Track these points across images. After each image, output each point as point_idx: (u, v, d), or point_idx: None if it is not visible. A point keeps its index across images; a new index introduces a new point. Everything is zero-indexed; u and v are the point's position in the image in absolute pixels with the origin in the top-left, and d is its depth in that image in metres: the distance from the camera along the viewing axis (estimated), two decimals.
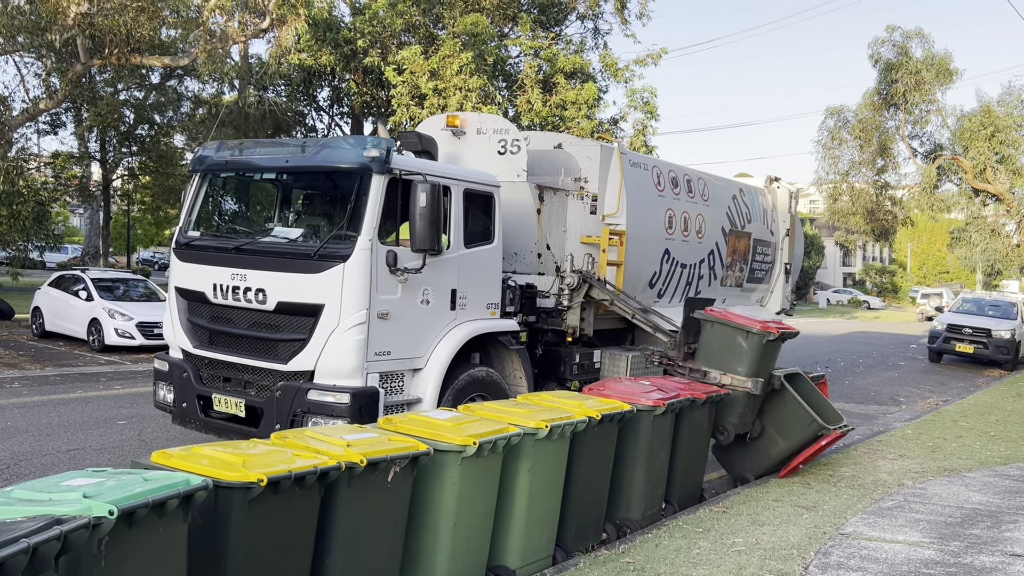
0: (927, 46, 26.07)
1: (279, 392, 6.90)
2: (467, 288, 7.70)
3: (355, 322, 6.69)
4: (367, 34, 21.75)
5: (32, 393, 11.78)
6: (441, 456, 4.81)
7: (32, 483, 3.41)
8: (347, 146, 7.22)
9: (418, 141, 8.67)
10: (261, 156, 7.74)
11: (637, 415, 6.41)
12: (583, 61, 22.88)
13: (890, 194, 29.30)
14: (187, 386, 7.58)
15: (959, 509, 7.36)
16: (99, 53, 18.36)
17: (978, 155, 25.38)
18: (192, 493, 3.50)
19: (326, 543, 4.28)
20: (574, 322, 9.04)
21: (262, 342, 7.18)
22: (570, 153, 9.74)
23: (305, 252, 7.06)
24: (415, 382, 7.30)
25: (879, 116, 27.23)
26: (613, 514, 6.51)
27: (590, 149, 9.79)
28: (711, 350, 8.09)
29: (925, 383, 18.49)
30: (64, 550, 2.89)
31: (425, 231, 6.83)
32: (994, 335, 21.40)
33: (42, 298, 18.23)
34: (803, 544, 6.18)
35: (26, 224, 20.17)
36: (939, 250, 71.12)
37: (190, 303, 7.70)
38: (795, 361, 19.60)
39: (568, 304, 8.98)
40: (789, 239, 13.55)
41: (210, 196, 8.24)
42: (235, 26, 19.41)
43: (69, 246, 43.37)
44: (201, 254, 7.68)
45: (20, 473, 7.71)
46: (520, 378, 8.37)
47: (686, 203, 10.92)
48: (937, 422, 12.33)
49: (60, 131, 27.54)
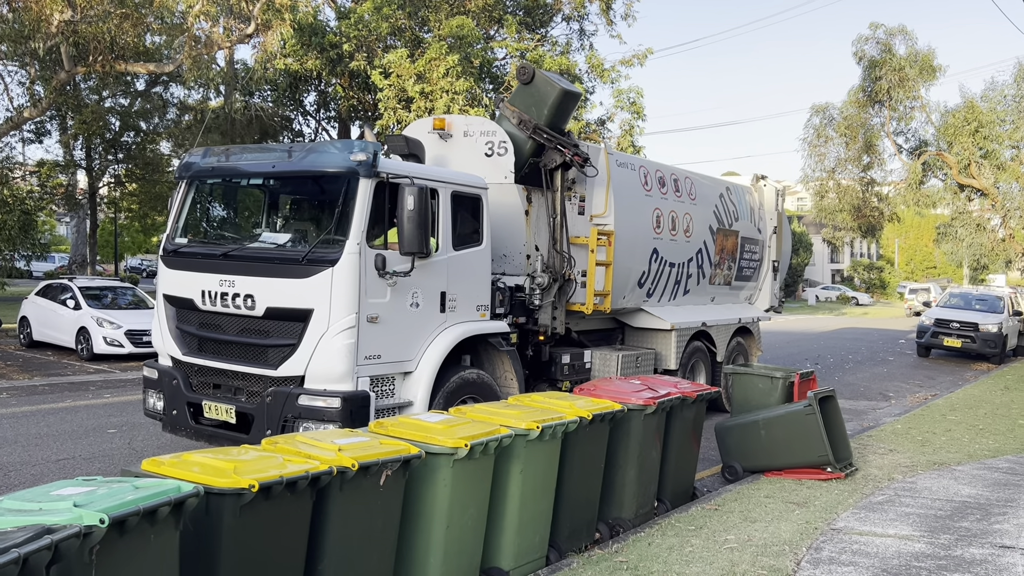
0: (910, 43, 26.29)
1: (269, 398, 6.86)
2: (456, 290, 7.70)
3: (344, 326, 6.68)
4: (353, 38, 21.72)
5: (21, 403, 11.70)
6: (433, 459, 4.81)
7: (22, 493, 3.39)
8: (334, 150, 7.19)
9: (405, 144, 8.68)
10: (248, 162, 7.70)
11: (628, 414, 6.43)
12: (569, 62, 22.91)
13: (876, 190, 29.49)
14: (177, 393, 7.54)
15: (949, 502, 7.41)
16: (83, 60, 18.28)
17: (963, 150, 25.56)
18: (183, 500, 3.49)
19: (319, 548, 4.28)
20: (546, 321, 9.02)
21: (252, 348, 7.15)
22: None
23: (293, 257, 7.05)
24: (406, 385, 7.29)
25: (864, 113, 27.41)
26: (606, 513, 6.53)
27: None
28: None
29: (914, 378, 18.59)
30: (55, 559, 2.89)
31: (413, 234, 6.82)
32: (981, 329, 21.54)
33: (30, 308, 18.12)
34: (795, 540, 6.21)
35: (12, 233, 20.06)
36: (926, 245, 71.58)
37: (179, 310, 7.67)
38: (784, 358, 19.72)
39: (539, 303, 8.94)
40: (777, 236, 13.63)
41: (197, 203, 8.21)
42: (220, 32, 19.36)
43: (56, 255, 43.13)
44: (189, 261, 7.65)
45: (10, 483, 7.66)
46: (511, 379, 8.37)
47: (673, 202, 10.95)
48: (926, 416, 12.41)
49: (45, 139, 27.41)
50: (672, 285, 11.10)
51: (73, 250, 34.54)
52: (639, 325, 10.77)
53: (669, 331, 10.64)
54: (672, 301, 11.19)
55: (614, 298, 9.84)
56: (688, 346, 11.07)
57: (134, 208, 31.25)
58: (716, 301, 12.42)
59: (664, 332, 10.67)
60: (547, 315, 9.01)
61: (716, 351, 11.86)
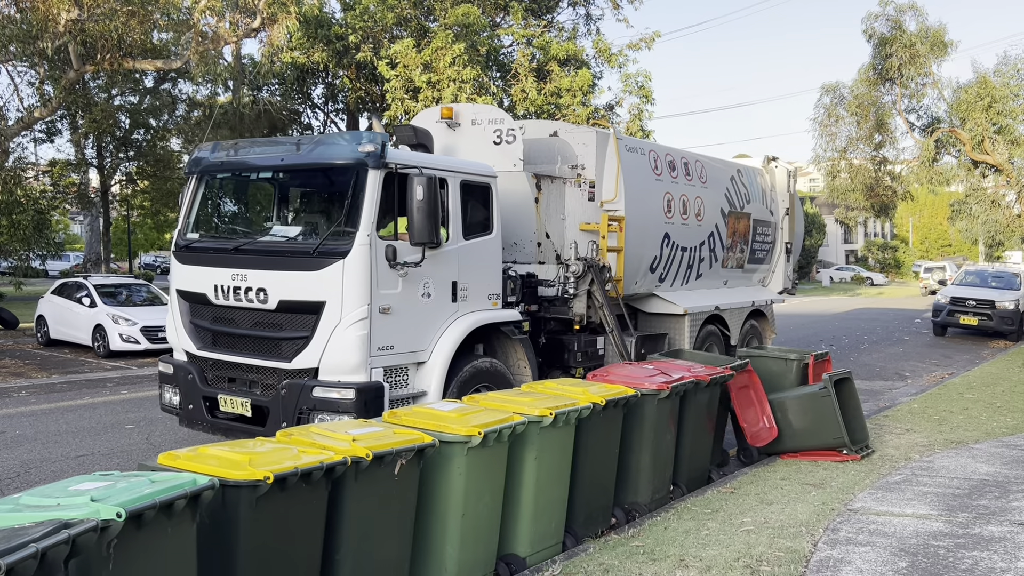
0: (921, 19, 25.93)
1: (284, 390, 6.90)
2: (468, 280, 7.70)
3: (357, 317, 6.70)
4: (359, 29, 21.69)
5: (39, 401, 11.82)
6: (447, 447, 4.82)
7: (40, 489, 3.43)
8: (342, 142, 7.21)
9: (413, 135, 8.65)
10: (256, 155, 7.73)
11: (641, 399, 6.43)
12: (576, 48, 22.80)
13: (889, 169, 29.20)
14: (192, 388, 7.59)
15: (966, 481, 7.37)
16: (91, 59, 18.32)
17: (976, 126, 25.27)
18: (199, 493, 3.52)
19: (335, 538, 4.30)
20: (581, 310, 9.06)
21: (265, 341, 7.19)
22: (566, 140, 9.72)
23: (304, 250, 7.08)
24: (419, 375, 7.31)
25: (875, 91, 27.12)
26: (621, 498, 6.53)
27: (586, 136, 9.75)
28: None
29: (930, 357, 18.48)
30: (73, 554, 2.92)
31: (423, 224, 6.82)
32: (998, 306, 21.37)
33: (46, 306, 18.28)
34: (812, 521, 6.19)
35: (26, 233, 20.17)
36: (940, 223, 71.00)
37: (192, 305, 7.72)
38: (799, 340, 19.64)
39: (574, 292, 8.99)
40: (789, 218, 13.53)
41: (207, 198, 8.24)
42: (226, 27, 19.33)
43: (71, 253, 43.41)
44: (201, 256, 7.69)
45: (30, 480, 7.75)
46: (524, 367, 8.37)
47: (684, 186, 10.89)
48: (943, 395, 12.34)
49: (56, 139, 27.52)
50: (684, 269, 11.06)
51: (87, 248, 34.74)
52: (652, 310, 10.74)
53: (682, 316, 10.61)
54: (685, 286, 11.14)
55: (626, 284, 9.81)
56: (701, 330, 11.02)
57: (146, 205, 31.38)
58: (729, 284, 12.35)
59: (677, 317, 10.64)
60: (582, 304, 9.03)
61: (730, 335, 11.80)
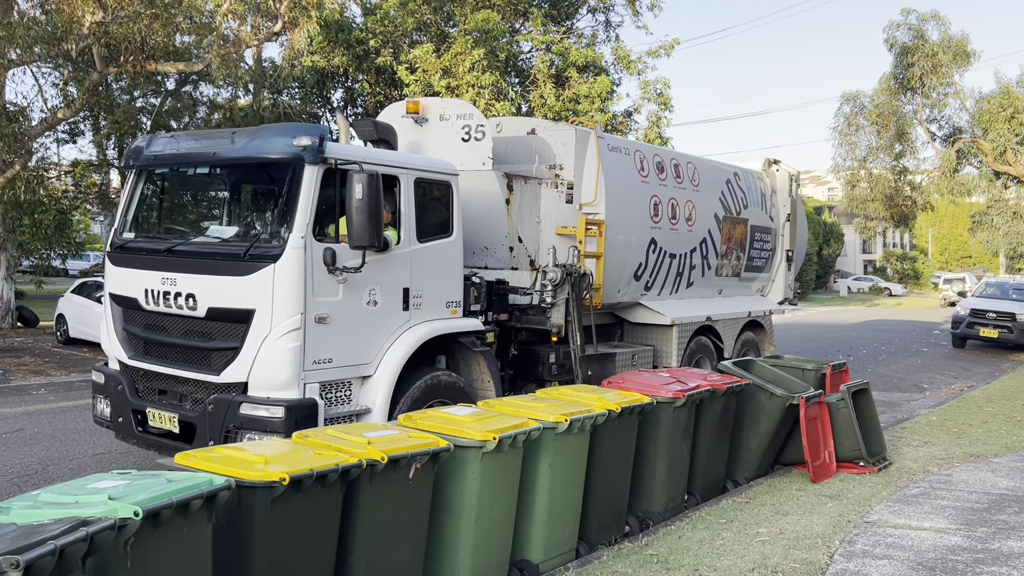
0: (943, 28, 25.82)
1: (211, 406, 6.32)
2: (422, 286, 7.11)
3: (288, 328, 6.12)
4: (379, 34, 21.79)
5: (58, 399, 11.92)
6: (461, 452, 4.82)
7: (58, 486, 3.46)
8: (277, 135, 6.56)
9: (374, 130, 8.04)
10: (191, 149, 7.03)
11: (657, 407, 6.40)
12: (595, 54, 22.80)
13: (909, 179, 29.05)
14: (123, 400, 7.02)
15: (985, 495, 7.29)
16: (114, 61, 18.50)
17: (998, 137, 25.08)
18: (215, 493, 3.53)
19: (349, 541, 4.31)
20: (559, 320, 8.34)
21: (195, 352, 6.60)
22: (544, 139, 9.12)
23: (235, 253, 6.45)
24: (364, 391, 6.72)
25: (896, 101, 27.00)
26: (635, 507, 6.51)
27: (564, 134, 9.14)
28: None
29: (949, 369, 18.30)
30: (91, 551, 2.93)
31: (363, 225, 6.18)
32: (1019, 319, 21.13)
33: (66, 305, 18.43)
34: (828, 533, 6.14)
35: (48, 232, 20.39)
36: (960, 234, 70.36)
37: (124, 310, 7.16)
38: (816, 350, 19.51)
39: (552, 301, 8.33)
40: (791, 224, 12.94)
41: (145, 194, 7.58)
42: (248, 30, 19.50)
43: (91, 253, 43.79)
44: (133, 257, 7.10)
45: (48, 478, 7.81)
46: (487, 382, 7.73)
47: (674, 189, 10.30)
48: (962, 408, 12.21)
49: (79, 139, 27.73)
50: (673, 277, 10.53)
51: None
52: (638, 320, 10.20)
53: (669, 326, 10.03)
54: (674, 294, 10.60)
55: (606, 292, 9.26)
56: (691, 342, 10.44)
57: None
58: (724, 294, 11.80)
59: (664, 327, 10.07)
60: (560, 313, 8.31)
61: (723, 347, 11.16)
